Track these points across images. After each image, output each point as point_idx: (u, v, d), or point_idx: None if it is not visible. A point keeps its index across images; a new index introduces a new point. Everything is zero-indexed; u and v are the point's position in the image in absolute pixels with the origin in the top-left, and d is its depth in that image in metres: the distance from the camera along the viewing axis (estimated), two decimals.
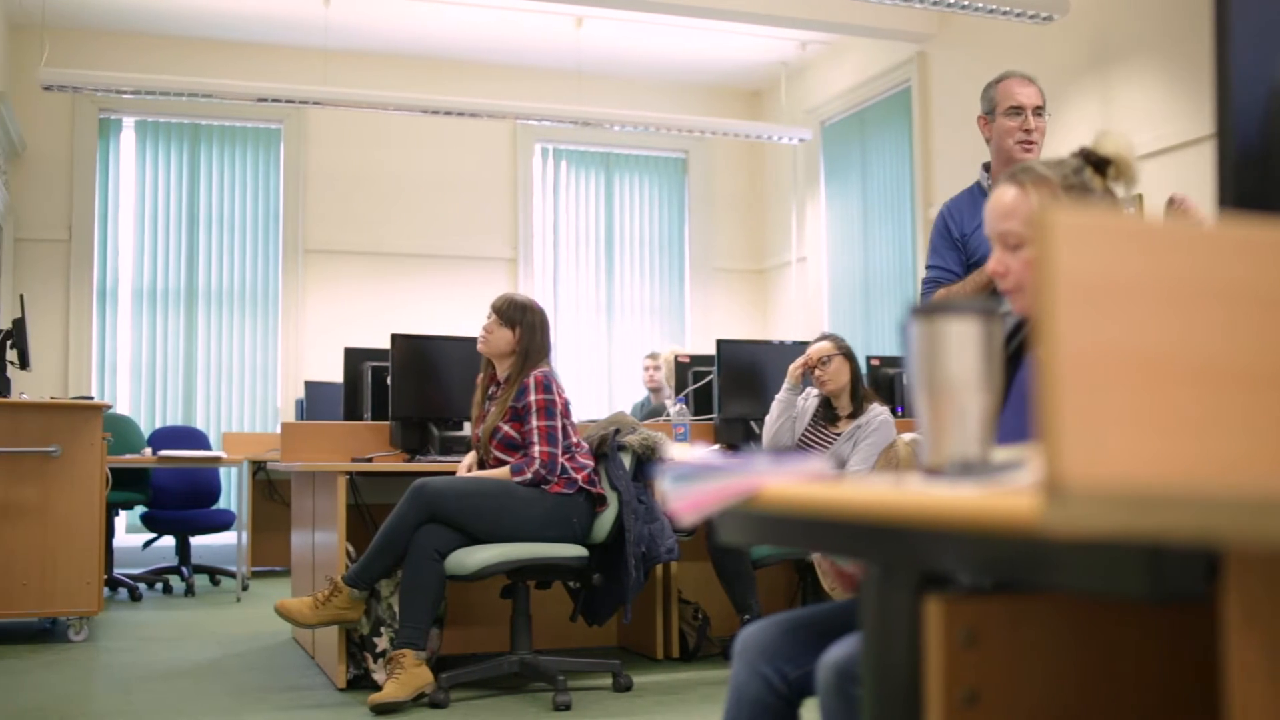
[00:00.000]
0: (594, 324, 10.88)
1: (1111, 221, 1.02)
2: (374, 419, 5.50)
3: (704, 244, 11.19)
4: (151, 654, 5.34)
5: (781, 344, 6.11)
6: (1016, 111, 3.80)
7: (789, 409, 5.22)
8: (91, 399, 6.32)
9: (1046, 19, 7.49)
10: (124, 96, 8.99)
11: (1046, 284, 0.96)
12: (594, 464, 4.63)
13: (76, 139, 9.58)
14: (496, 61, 10.31)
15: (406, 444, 5.27)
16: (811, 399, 5.24)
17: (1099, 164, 2.02)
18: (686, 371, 6.26)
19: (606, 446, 4.68)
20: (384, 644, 4.51)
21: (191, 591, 7.47)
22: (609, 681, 4.62)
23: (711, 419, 5.88)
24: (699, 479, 1.42)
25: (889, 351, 7.47)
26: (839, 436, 5.06)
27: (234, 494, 8.20)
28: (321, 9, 8.98)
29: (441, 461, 4.97)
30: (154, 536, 7.99)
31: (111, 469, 5.99)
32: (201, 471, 7.95)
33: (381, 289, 10.09)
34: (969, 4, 7.38)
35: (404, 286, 10.14)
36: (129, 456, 7.16)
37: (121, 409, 9.13)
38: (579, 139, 10.77)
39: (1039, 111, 3.82)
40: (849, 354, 5.16)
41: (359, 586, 4.36)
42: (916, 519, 1.16)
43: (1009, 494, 1.06)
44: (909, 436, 2.65)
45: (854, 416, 5.10)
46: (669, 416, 5.88)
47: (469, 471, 4.66)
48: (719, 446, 5.44)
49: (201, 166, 9.91)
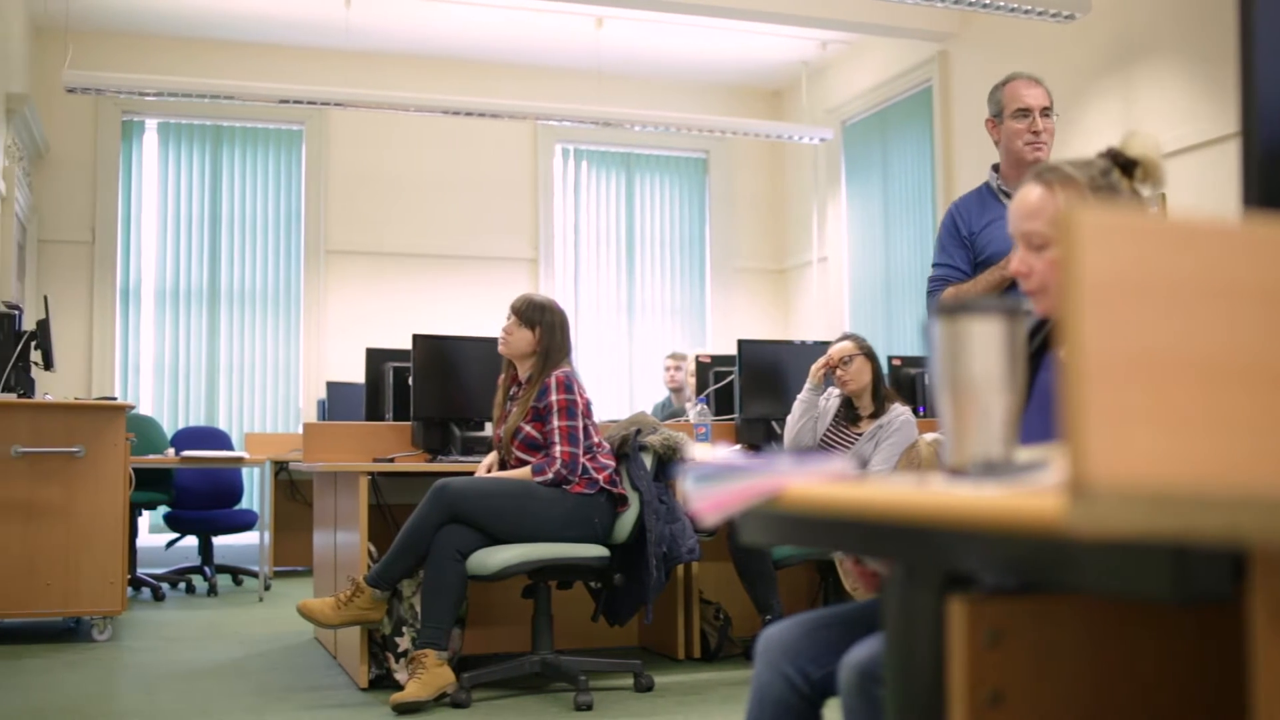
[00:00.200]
0: (615, 324, 10.88)
1: (1137, 221, 1.02)
2: (396, 419, 5.51)
3: (725, 244, 11.18)
4: (174, 653, 5.36)
5: (803, 344, 6.10)
6: (1024, 113, 3.78)
7: (810, 409, 5.21)
8: (115, 399, 6.35)
9: (1068, 18, 7.46)
10: (146, 99, 9.04)
11: (1072, 283, 0.96)
12: (615, 464, 4.63)
13: (100, 141, 9.63)
14: (517, 62, 10.33)
15: (428, 444, 5.28)
16: (833, 399, 5.23)
17: (1126, 165, 2.01)
18: (708, 372, 6.26)
19: (628, 447, 4.68)
20: (406, 644, 4.52)
21: (214, 591, 7.50)
22: (630, 682, 4.62)
23: (733, 419, 5.88)
24: (722, 479, 1.42)
25: (910, 351, 7.46)
26: (860, 437, 5.05)
27: (256, 494, 8.23)
28: (343, 11, 9.00)
29: (463, 462, 4.97)
30: (177, 536, 8.03)
31: (135, 469, 6.02)
32: (224, 472, 7.97)
33: (403, 289, 10.11)
34: (990, 3, 7.36)
35: (425, 287, 10.16)
36: (152, 457, 7.19)
37: (144, 409, 9.17)
38: (599, 139, 10.77)
39: (1046, 112, 3.80)
40: (870, 354, 5.15)
41: (381, 587, 4.37)
42: (940, 519, 1.15)
43: (1033, 494, 1.06)
44: (931, 436, 2.65)
45: (875, 416, 5.09)
46: (689, 419, 5.88)
47: (489, 471, 4.67)
48: (740, 447, 5.44)
49: (223, 168, 9.95)
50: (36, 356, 5.91)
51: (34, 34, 9.22)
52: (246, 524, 7.93)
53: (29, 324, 5.97)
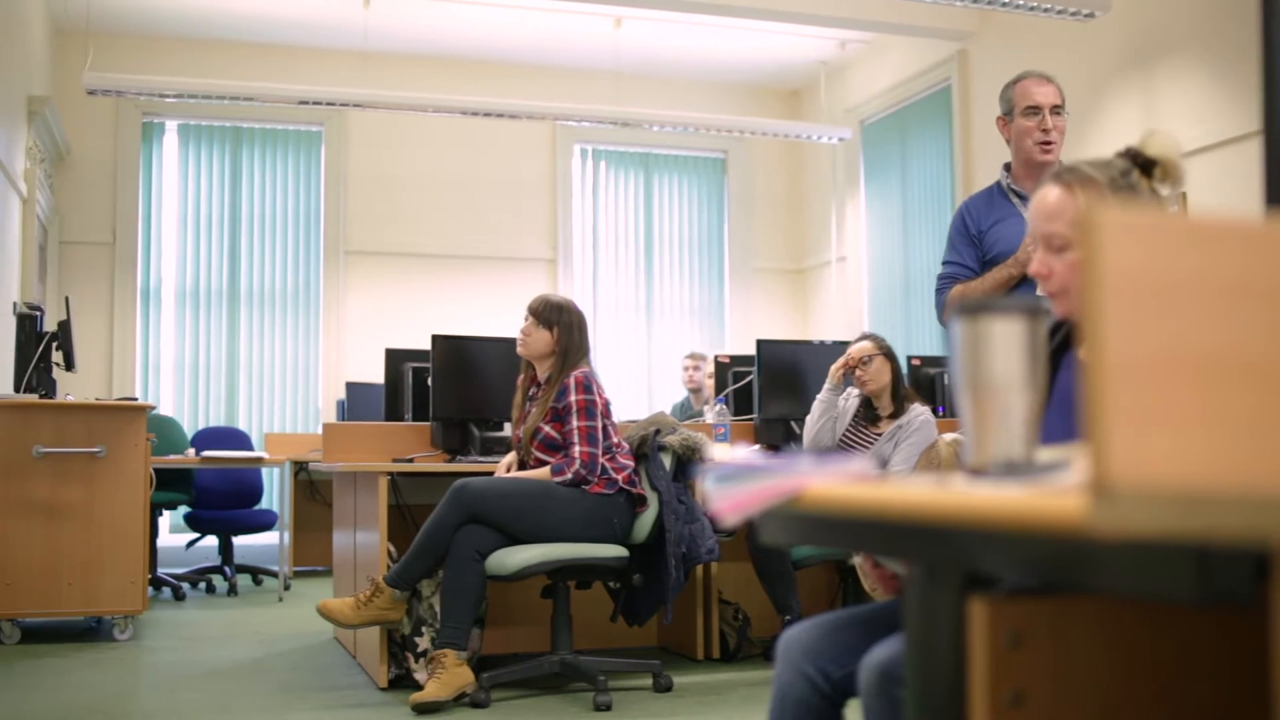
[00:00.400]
0: (633, 324, 10.87)
1: (1158, 221, 1.01)
2: (415, 419, 5.52)
3: (743, 244, 11.17)
4: (195, 653, 5.38)
5: (822, 344, 6.09)
6: (1034, 111, 3.78)
7: (830, 409, 5.21)
8: (135, 400, 6.37)
9: (1088, 16, 7.43)
10: (167, 100, 9.08)
11: (1093, 284, 0.96)
12: (634, 464, 4.63)
13: (120, 143, 9.67)
14: (536, 63, 10.33)
15: (447, 444, 5.28)
16: (852, 399, 5.23)
17: (1145, 165, 2.01)
18: (727, 372, 6.26)
19: (647, 447, 4.68)
20: (425, 644, 4.53)
21: (234, 591, 7.52)
22: (649, 682, 4.62)
23: (752, 419, 5.87)
24: (742, 480, 1.42)
25: (930, 351, 7.44)
26: (880, 437, 5.05)
27: (276, 494, 8.25)
28: (361, 12, 9.02)
29: (482, 462, 4.97)
30: (197, 536, 8.06)
31: (155, 469, 6.04)
32: (244, 472, 8.00)
33: (422, 290, 10.12)
34: (1009, 2, 7.33)
35: (444, 287, 10.17)
36: (172, 457, 7.22)
37: (165, 410, 9.20)
38: (618, 139, 10.77)
39: (1057, 110, 3.78)
40: (890, 354, 5.14)
41: (400, 587, 4.38)
42: (961, 519, 1.15)
43: (1055, 494, 1.06)
44: (950, 436, 2.64)
45: (895, 416, 5.08)
46: (706, 420, 5.88)
47: (508, 471, 4.67)
48: (759, 447, 5.44)
49: (243, 169, 9.98)
50: (58, 357, 5.94)
51: (55, 37, 9.27)
52: (266, 524, 7.95)
53: (50, 325, 6.00)
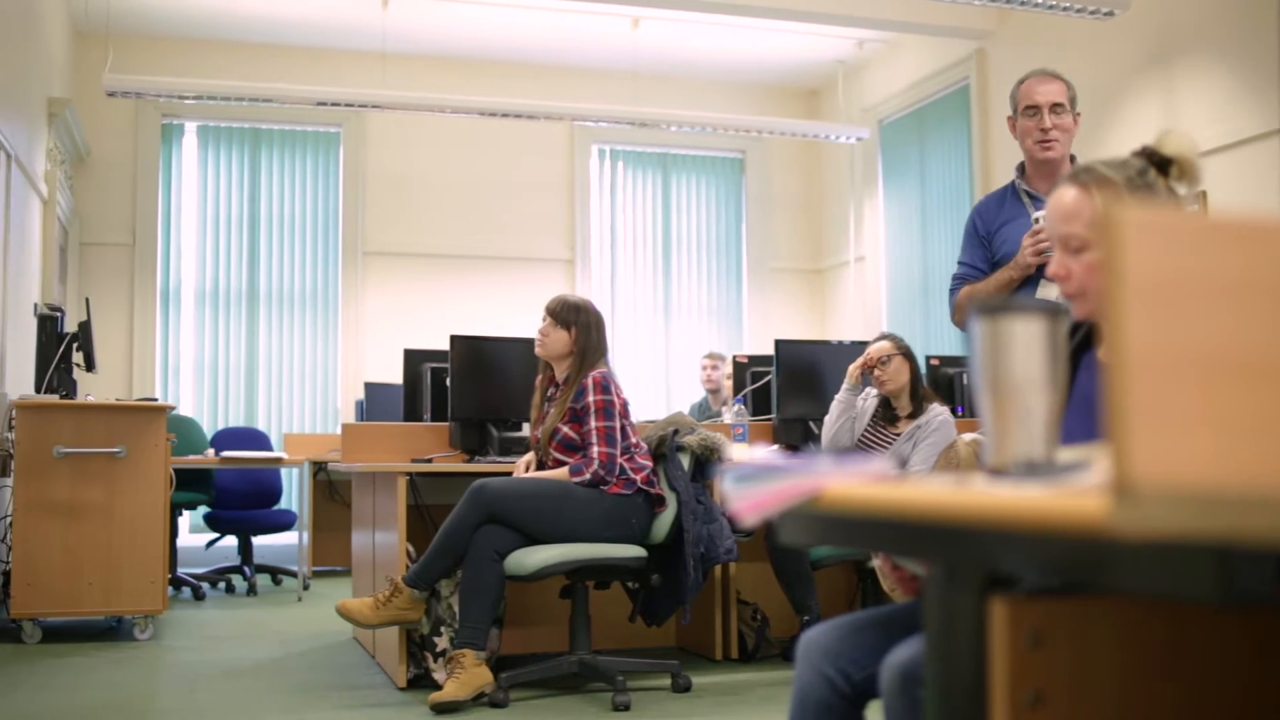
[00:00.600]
0: (651, 325, 10.87)
1: (1179, 220, 1.01)
2: (433, 420, 5.53)
3: (761, 244, 11.16)
4: (215, 652, 5.40)
5: (840, 344, 6.08)
6: (1033, 111, 3.76)
7: (848, 409, 5.20)
8: (155, 400, 6.40)
9: (1107, 14, 7.40)
10: (186, 102, 9.12)
11: (1114, 284, 0.96)
12: (653, 464, 4.63)
13: (140, 144, 9.70)
14: (553, 63, 10.34)
15: (466, 445, 5.29)
16: (871, 399, 5.22)
17: (1162, 163, 2.00)
18: (745, 372, 6.25)
19: (665, 447, 4.68)
20: (444, 644, 4.54)
21: (254, 591, 7.55)
22: (668, 682, 4.62)
23: (770, 419, 5.87)
24: (761, 480, 1.42)
25: (948, 351, 7.42)
26: (898, 437, 5.04)
27: (295, 494, 8.28)
28: (379, 13, 9.04)
29: (501, 462, 4.97)
30: (217, 536, 8.08)
31: (175, 470, 6.07)
32: (263, 472, 8.03)
33: (440, 290, 10.14)
34: (1028, 0, 7.31)
35: (462, 288, 10.18)
36: (192, 457, 7.25)
37: (184, 410, 9.23)
38: (636, 140, 10.77)
39: (1058, 109, 3.75)
40: (908, 354, 5.13)
41: (419, 587, 4.39)
42: (982, 519, 1.15)
43: (1076, 494, 1.05)
44: (970, 436, 2.63)
45: (914, 417, 5.07)
46: (724, 419, 5.87)
47: (526, 470, 4.67)
48: (778, 447, 5.43)
49: (262, 170, 10.01)
50: (78, 358, 5.97)
51: (75, 39, 9.31)
52: (285, 524, 7.98)
53: (71, 326, 6.03)
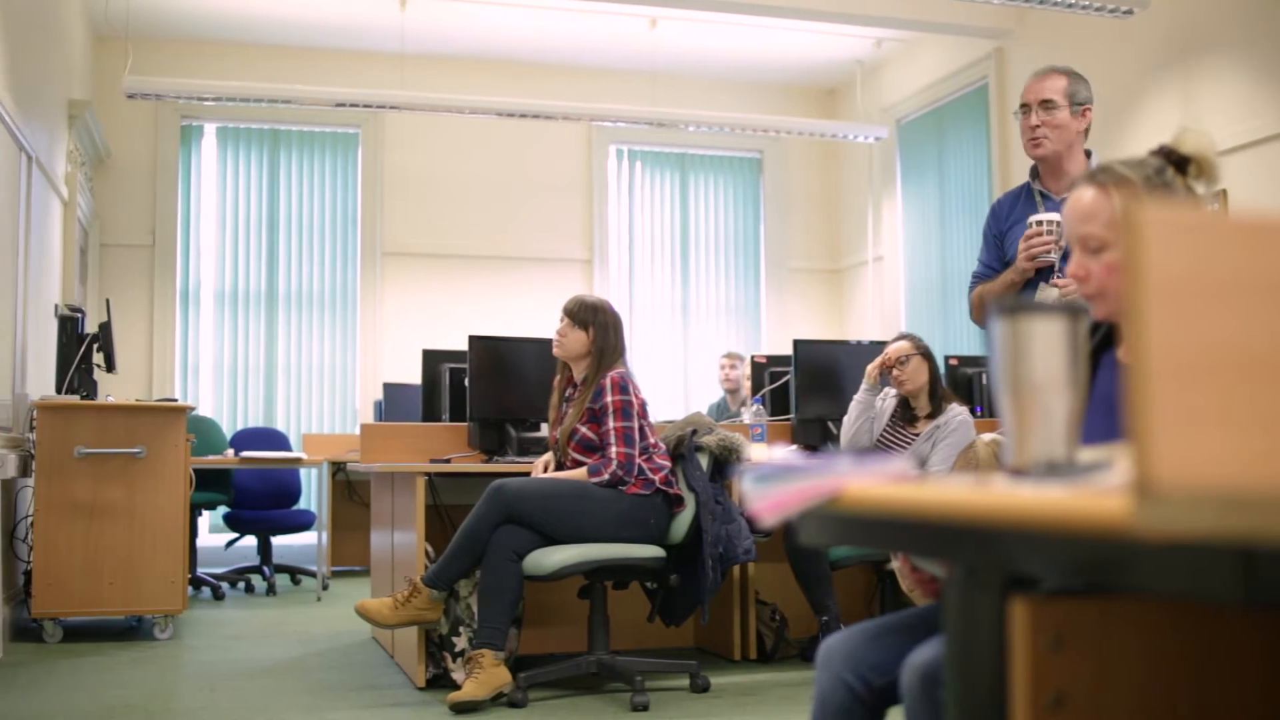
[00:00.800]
0: (669, 325, 10.87)
1: (1199, 219, 1.01)
2: (452, 420, 5.53)
3: (779, 244, 11.15)
4: (234, 652, 5.42)
5: (858, 344, 6.08)
6: (1024, 109, 3.76)
7: (867, 410, 5.19)
8: (175, 401, 6.42)
9: (1127, 13, 7.37)
10: (205, 103, 9.15)
11: (1136, 283, 0.95)
12: (671, 465, 4.63)
13: (159, 146, 9.74)
14: (571, 63, 10.35)
15: (484, 445, 5.29)
16: (889, 399, 5.21)
17: (1180, 162, 1.99)
18: (763, 372, 6.25)
19: (684, 447, 4.68)
20: (463, 644, 4.55)
21: (273, 591, 7.57)
22: (686, 682, 4.62)
23: (789, 419, 5.86)
24: (780, 480, 1.41)
25: (967, 351, 7.41)
26: (917, 437, 5.02)
27: (314, 494, 8.30)
28: (398, 14, 9.06)
29: (519, 462, 4.98)
30: (236, 536, 8.11)
31: (195, 470, 6.09)
32: (282, 472, 8.05)
33: (458, 291, 10.15)
34: None
35: (481, 288, 10.19)
36: (212, 458, 7.28)
37: (204, 411, 9.26)
38: (654, 140, 10.77)
39: (1048, 105, 3.71)
40: (927, 354, 5.12)
41: (438, 587, 4.39)
42: (1003, 520, 1.15)
43: (1098, 495, 1.05)
44: (989, 437, 2.62)
45: (932, 417, 5.06)
46: (743, 419, 5.86)
47: (544, 470, 4.68)
48: (797, 447, 5.43)
49: (281, 171, 10.04)
50: (99, 359, 5.99)
51: (95, 41, 9.34)
52: (304, 524, 8.00)
53: (91, 327, 6.05)
